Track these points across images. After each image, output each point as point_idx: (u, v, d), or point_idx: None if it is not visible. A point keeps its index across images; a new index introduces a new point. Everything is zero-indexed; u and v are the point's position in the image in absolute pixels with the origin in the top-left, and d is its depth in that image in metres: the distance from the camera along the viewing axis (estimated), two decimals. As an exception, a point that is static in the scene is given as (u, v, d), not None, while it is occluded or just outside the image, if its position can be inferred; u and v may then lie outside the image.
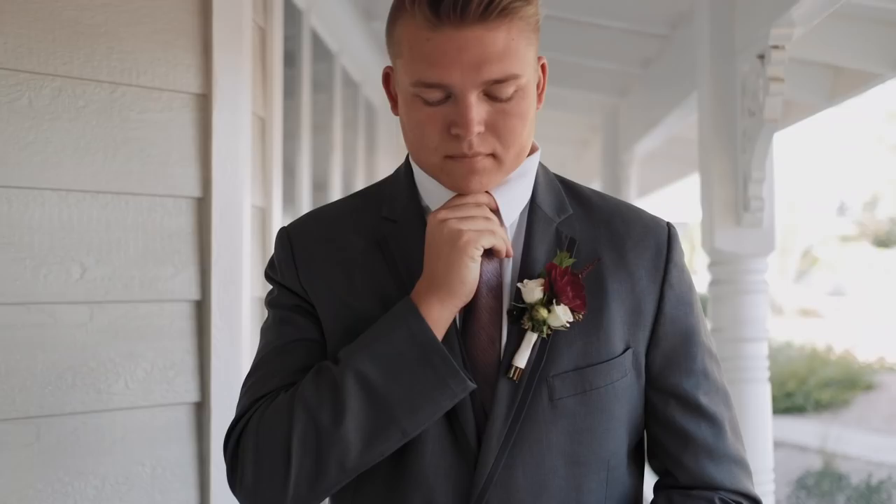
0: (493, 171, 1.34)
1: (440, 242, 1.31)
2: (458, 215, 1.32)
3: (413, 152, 1.38)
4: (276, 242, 1.50)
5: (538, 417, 1.34)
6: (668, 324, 1.41)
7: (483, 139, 1.30)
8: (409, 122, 1.34)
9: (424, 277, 1.33)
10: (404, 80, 1.31)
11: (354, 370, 1.30)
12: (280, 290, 1.47)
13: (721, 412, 1.42)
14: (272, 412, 1.34)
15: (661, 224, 1.47)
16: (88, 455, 2.12)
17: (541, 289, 1.34)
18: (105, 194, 2.15)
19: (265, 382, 1.40)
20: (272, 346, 1.43)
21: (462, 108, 1.27)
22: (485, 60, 1.25)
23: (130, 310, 2.18)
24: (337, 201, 1.56)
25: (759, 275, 2.95)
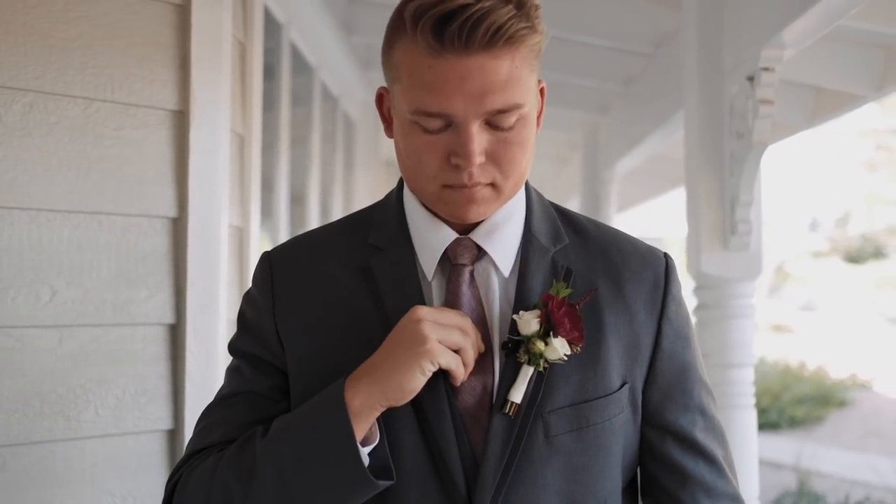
0: (491, 200, 1.30)
1: (402, 339, 1.25)
2: (435, 320, 1.25)
3: (409, 179, 1.33)
4: (256, 268, 1.45)
5: (534, 455, 1.29)
6: (666, 359, 1.37)
7: (483, 169, 1.25)
8: (407, 148, 1.28)
9: (370, 362, 1.27)
10: (402, 106, 1.25)
11: (272, 457, 1.26)
12: (242, 333, 1.44)
13: (717, 450, 1.39)
14: (197, 478, 1.32)
15: (659, 255, 1.43)
16: (56, 486, 2.04)
17: (537, 320, 1.29)
18: (77, 214, 2.08)
19: (207, 435, 1.38)
20: (221, 394, 1.42)
21: (464, 139, 1.22)
22: (488, 90, 1.20)
23: (102, 334, 2.11)
24: (325, 226, 1.52)
25: (745, 299, 2.91)
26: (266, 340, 1.39)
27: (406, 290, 1.34)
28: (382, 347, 1.26)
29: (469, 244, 1.35)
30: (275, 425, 1.29)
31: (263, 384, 1.39)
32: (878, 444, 11.60)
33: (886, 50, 3.63)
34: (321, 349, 1.35)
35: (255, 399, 1.38)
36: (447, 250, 1.35)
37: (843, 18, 2.36)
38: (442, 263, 1.36)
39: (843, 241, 30.25)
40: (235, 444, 1.31)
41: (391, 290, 1.35)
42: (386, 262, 1.37)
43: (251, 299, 1.44)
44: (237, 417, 1.37)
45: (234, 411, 1.38)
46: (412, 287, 1.34)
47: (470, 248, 1.35)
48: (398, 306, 1.32)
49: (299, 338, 1.37)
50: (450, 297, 1.33)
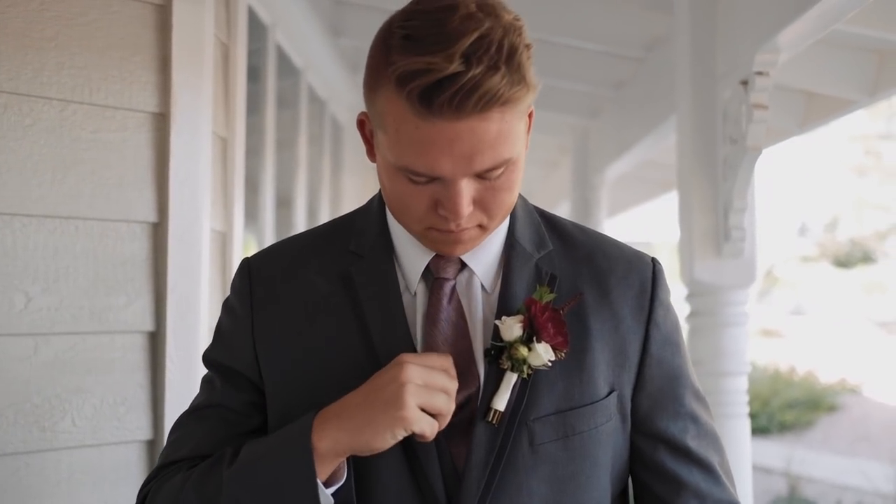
0: (477, 238, 1.27)
1: (381, 396, 1.19)
2: (423, 382, 1.19)
3: (393, 213, 1.29)
4: (235, 275, 1.42)
5: (518, 464, 1.26)
6: (655, 365, 1.34)
7: (471, 216, 1.22)
8: (392, 191, 1.24)
9: (344, 405, 1.22)
10: (387, 155, 1.20)
11: (235, 489, 1.22)
12: (217, 344, 1.41)
13: (711, 456, 1.36)
14: (164, 496, 1.29)
15: (646, 260, 1.39)
16: (31, 498, 1.98)
17: (520, 325, 1.26)
18: (53, 219, 2.02)
19: (178, 448, 1.36)
20: (194, 405, 1.41)
21: (452, 194, 1.17)
22: (477, 151, 1.14)
23: (79, 342, 2.05)
24: (306, 231, 1.48)
25: (739, 306, 2.87)
26: (241, 352, 1.36)
27: (385, 301, 1.31)
28: (360, 392, 1.21)
29: (453, 259, 1.32)
30: (242, 454, 1.25)
31: (235, 399, 1.36)
32: (868, 449, 11.60)
33: (880, 55, 3.59)
34: (299, 360, 1.32)
35: (227, 414, 1.36)
36: (429, 264, 1.32)
37: (839, 23, 2.32)
38: (424, 275, 1.33)
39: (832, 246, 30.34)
40: (203, 465, 1.28)
41: (370, 299, 1.31)
42: (366, 270, 1.34)
43: (229, 308, 1.41)
44: (208, 432, 1.35)
45: (205, 424, 1.36)
46: (392, 297, 1.31)
47: (454, 263, 1.33)
48: (377, 316, 1.30)
49: (277, 348, 1.34)
50: (431, 310, 1.30)
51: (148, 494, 1.33)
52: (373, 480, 1.25)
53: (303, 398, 1.29)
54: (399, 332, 1.29)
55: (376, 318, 1.30)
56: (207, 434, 1.34)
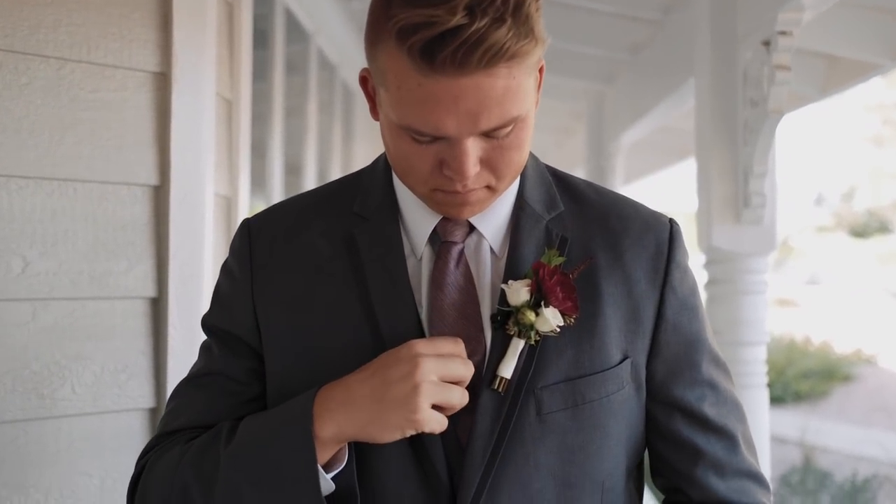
0: (486, 200, 1.21)
1: (393, 394, 1.14)
2: (438, 375, 1.14)
3: (397, 174, 1.23)
4: (235, 236, 1.36)
5: (525, 434, 1.20)
6: (670, 331, 1.28)
7: (478, 176, 1.16)
8: (395, 150, 1.18)
9: (350, 395, 1.16)
10: (390, 113, 1.14)
11: (233, 470, 1.18)
12: (216, 308, 1.36)
13: (731, 424, 1.31)
14: (163, 468, 1.26)
15: (663, 221, 1.33)
16: (30, 466, 1.94)
17: (527, 289, 1.20)
18: (50, 181, 1.96)
19: (176, 416, 1.33)
20: (192, 372, 1.37)
21: (457, 154, 1.12)
22: (483, 109, 1.08)
23: (78, 307, 2.00)
24: (310, 191, 1.42)
25: (758, 275, 2.80)
26: (240, 317, 1.32)
27: (388, 265, 1.26)
28: (368, 381, 1.16)
29: (461, 221, 1.27)
30: (240, 433, 1.20)
31: (235, 366, 1.31)
32: (883, 419, 11.56)
33: (904, 16, 3.49)
34: (299, 325, 1.27)
35: (226, 382, 1.32)
36: (436, 227, 1.27)
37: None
38: (431, 238, 1.28)
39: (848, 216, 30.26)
40: (201, 441, 1.24)
41: (373, 263, 1.26)
42: (370, 232, 1.29)
43: (228, 271, 1.36)
44: (207, 401, 1.31)
45: (204, 393, 1.32)
46: (396, 261, 1.26)
47: (462, 226, 1.27)
48: (379, 281, 1.25)
49: (278, 312, 1.29)
50: (437, 275, 1.25)
51: (146, 466, 1.29)
52: (372, 451, 1.21)
53: (302, 365, 1.25)
54: (401, 297, 1.24)
55: (378, 283, 1.25)
56: (206, 403, 1.31)
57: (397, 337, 1.21)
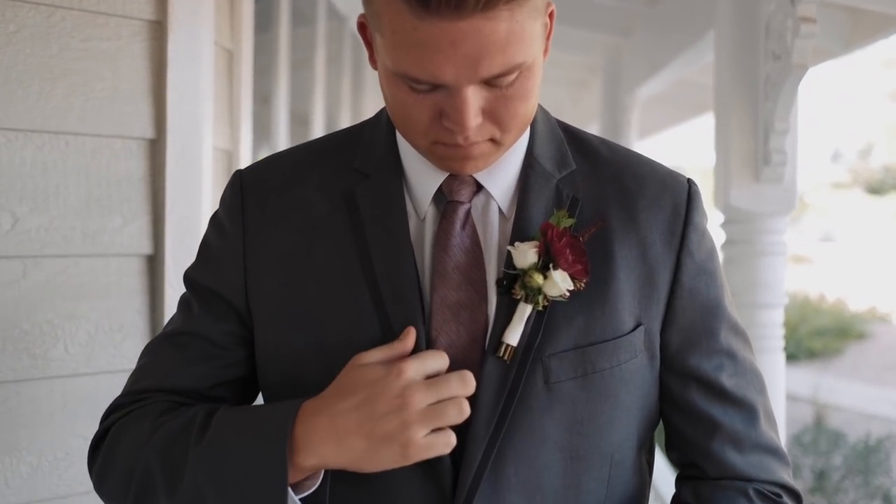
0: (491, 154, 1.13)
1: (382, 428, 1.06)
2: (433, 396, 1.07)
3: (397, 127, 1.15)
4: (226, 188, 1.28)
5: (532, 404, 1.13)
6: (686, 297, 1.20)
7: (481, 128, 1.08)
8: (393, 101, 1.10)
9: (332, 422, 1.08)
10: (386, 60, 1.06)
11: (199, 474, 1.12)
12: (202, 263, 1.29)
13: (750, 396, 1.24)
14: (131, 439, 1.19)
15: (680, 180, 1.25)
16: (22, 428, 1.89)
17: (535, 251, 1.13)
18: (41, 133, 1.88)
19: (146, 375, 1.27)
20: (168, 329, 1.29)
21: (457, 104, 1.04)
22: (483, 55, 1.00)
23: (71, 265, 1.93)
24: (308, 143, 1.34)
25: (777, 235, 2.71)
26: (229, 275, 1.24)
27: (390, 225, 1.18)
28: (354, 415, 1.08)
29: (468, 180, 1.19)
30: (214, 431, 1.13)
31: (214, 328, 1.24)
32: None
33: (933, -33, 3.36)
34: (294, 286, 1.20)
35: (202, 344, 1.24)
36: (441, 186, 1.19)
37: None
38: (436, 198, 1.20)
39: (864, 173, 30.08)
40: (174, 424, 1.17)
41: (373, 223, 1.19)
42: (371, 190, 1.21)
43: (218, 224, 1.28)
44: (180, 362, 1.25)
45: (178, 353, 1.25)
46: (398, 221, 1.18)
47: (468, 184, 1.19)
48: (380, 242, 1.18)
49: (270, 272, 1.22)
50: (442, 236, 1.17)
51: (111, 429, 1.24)
52: None
53: (297, 330, 1.18)
54: (403, 259, 1.16)
55: (379, 244, 1.17)
56: (179, 364, 1.24)
57: (399, 302, 1.14)
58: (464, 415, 1.07)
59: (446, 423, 1.06)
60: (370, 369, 1.09)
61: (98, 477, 1.23)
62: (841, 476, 6.89)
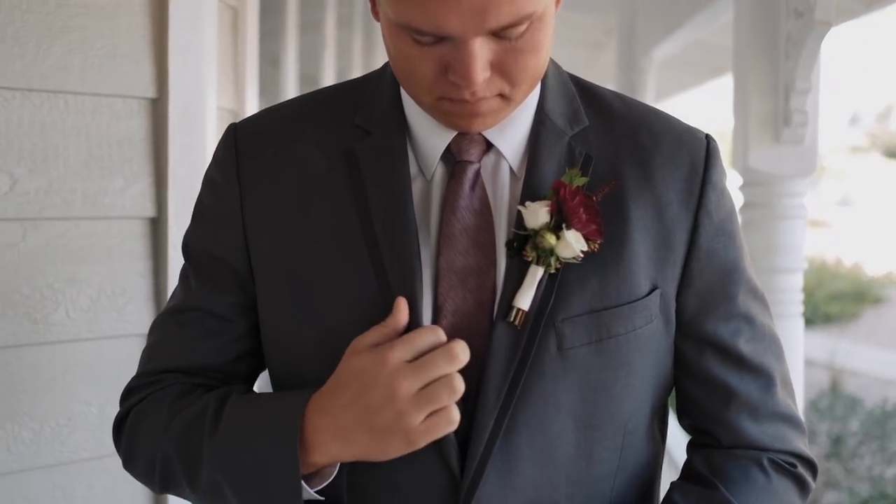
0: (500, 110, 1.08)
1: (378, 420, 1.03)
2: (421, 380, 1.02)
3: (401, 83, 1.10)
4: (219, 143, 1.23)
5: (544, 371, 1.09)
6: (704, 259, 1.16)
7: (489, 83, 1.03)
8: (396, 53, 1.05)
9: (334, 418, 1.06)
10: (388, 10, 1.01)
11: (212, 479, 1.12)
12: (199, 228, 1.24)
13: (768, 362, 1.20)
14: (148, 428, 1.19)
15: (699, 136, 1.20)
16: (23, 394, 1.85)
17: (546, 210, 1.08)
18: (39, 93, 1.83)
19: (156, 355, 1.25)
20: (171, 305, 1.27)
21: (463, 56, 0.99)
22: (490, 4, 0.95)
23: (71, 228, 1.89)
24: (306, 95, 1.28)
25: (797, 198, 2.65)
26: (227, 236, 1.19)
27: (392, 185, 1.13)
28: (351, 410, 1.05)
29: (478, 138, 1.14)
30: (225, 425, 1.11)
31: (214, 301, 1.20)
32: (914, 344, 11.47)
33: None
34: (292, 248, 1.15)
35: (205, 319, 1.21)
36: (450, 145, 1.14)
37: None
38: (444, 158, 1.14)
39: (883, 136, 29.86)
40: (187, 414, 1.16)
41: (374, 184, 1.14)
42: (373, 148, 1.15)
43: (211, 183, 1.23)
44: (186, 341, 1.22)
45: (183, 332, 1.23)
46: (401, 182, 1.13)
47: (478, 143, 1.14)
48: (381, 204, 1.12)
49: (267, 232, 1.17)
50: (450, 197, 1.12)
51: (130, 414, 1.22)
52: None
53: (295, 295, 1.14)
54: (404, 221, 1.11)
55: (379, 205, 1.12)
56: (185, 343, 1.22)
57: (399, 265, 1.09)
58: (457, 393, 1.02)
59: (439, 406, 1.02)
60: (360, 358, 1.05)
61: (125, 458, 1.23)
62: (857, 442, 6.86)
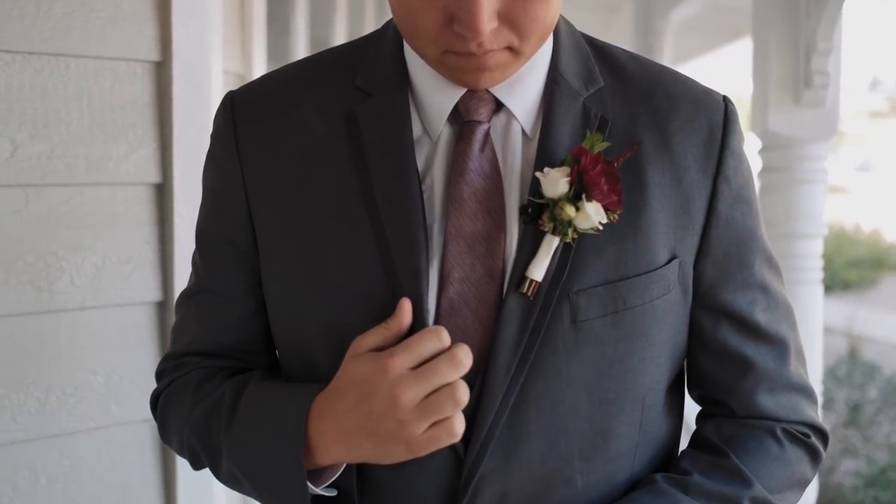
0: (508, 65, 1.02)
1: (381, 428, 1.00)
2: (424, 389, 0.99)
3: (404, 35, 1.06)
4: (216, 114, 1.19)
5: (558, 344, 1.05)
6: (723, 227, 1.12)
7: (497, 34, 0.98)
8: (397, 3, 1.01)
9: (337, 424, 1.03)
10: None
11: (228, 466, 1.14)
12: (203, 205, 1.23)
13: (783, 332, 1.17)
14: (175, 412, 1.21)
15: (716, 99, 1.15)
16: (28, 363, 1.83)
17: (567, 180, 1.03)
18: (39, 56, 1.79)
19: (181, 335, 1.26)
20: (188, 288, 1.26)
21: (468, 4, 0.94)
22: None
23: (75, 194, 1.86)
24: (305, 59, 1.24)
25: (817, 162, 2.59)
26: (231, 212, 1.16)
27: (393, 149, 1.08)
28: (353, 414, 1.02)
29: (487, 97, 1.09)
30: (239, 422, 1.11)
31: (224, 280, 1.20)
32: (933, 311, 11.40)
33: None
34: (294, 219, 1.11)
35: (217, 300, 1.20)
36: (458, 104, 1.09)
37: None
38: (451, 118, 1.09)
39: (904, 101, 29.53)
40: (207, 404, 1.16)
41: (374, 147, 1.09)
42: (374, 110, 1.11)
43: (212, 159, 1.20)
44: (203, 323, 1.22)
45: (199, 313, 1.22)
46: (403, 145, 1.08)
47: (487, 102, 1.09)
48: (381, 169, 1.08)
49: (269, 203, 1.13)
50: (458, 159, 1.07)
51: (161, 395, 1.24)
52: None
53: (298, 267, 1.11)
54: (406, 186, 1.07)
55: (380, 170, 1.08)
56: (203, 325, 1.22)
57: (401, 233, 1.05)
58: (460, 403, 0.99)
59: (442, 416, 0.98)
60: (361, 363, 1.02)
61: (162, 437, 1.26)
62: (875, 409, 6.82)
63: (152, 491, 1.99)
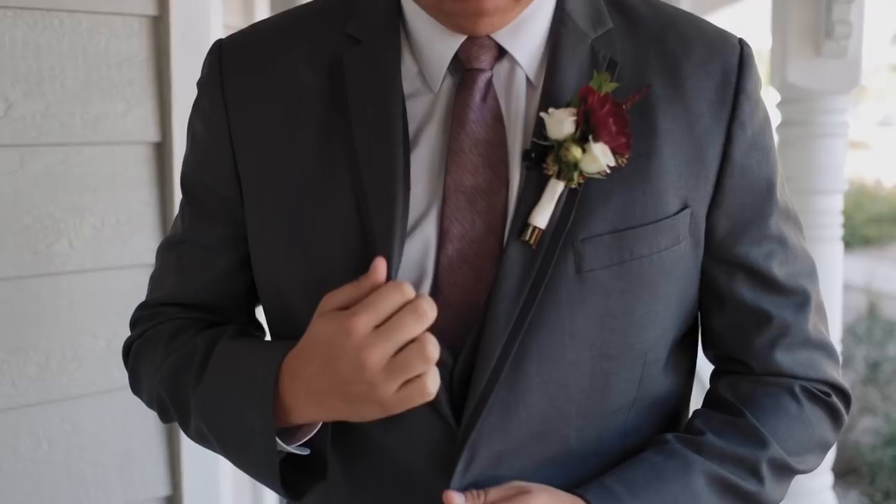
0: (508, 8, 0.99)
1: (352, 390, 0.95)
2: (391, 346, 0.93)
3: None
4: (203, 63, 1.16)
5: (560, 295, 1.01)
6: (738, 175, 1.08)
7: None
8: None
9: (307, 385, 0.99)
10: None
11: (197, 423, 1.12)
12: (191, 154, 1.18)
13: (802, 286, 1.13)
14: (147, 364, 1.18)
15: (731, 41, 1.10)
16: (27, 327, 1.81)
17: (573, 120, 0.99)
18: (32, 11, 1.75)
19: (157, 284, 1.25)
20: (170, 236, 1.24)
21: None
22: None
23: (71, 154, 1.82)
24: (298, 7, 1.19)
25: (838, 115, 2.52)
26: (217, 164, 1.13)
27: (379, 101, 1.04)
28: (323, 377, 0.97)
29: (488, 44, 1.04)
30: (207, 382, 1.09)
31: (206, 232, 1.17)
32: (956, 267, 11.30)
33: None
34: (275, 172, 1.08)
35: (198, 251, 1.18)
36: (458, 53, 1.04)
37: None
38: (452, 68, 1.05)
39: (927, 54, 29.17)
40: (176, 358, 1.14)
41: (359, 96, 1.05)
42: (360, 59, 1.06)
43: (198, 108, 1.17)
44: (181, 275, 1.20)
45: (178, 264, 1.21)
46: (390, 95, 1.04)
47: (489, 49, 1.04)
48: (364, 118, 1.03)
49: (256, 159, 1.10)
50: (459, 109, 1.03)
51: (133, 346, 1.23)
52: None
53: (278, 223, 1.08)
54: (391, 143, 1.02)
55: (362, 122, 1.03)
56: (181, 277, 1.20)
57: (380, 194, 1.01)
58: (430, 359, 0.93)
59: (413, 374, 0.93)
60: (325, 323, 0.96)
61: (132, 387, 1.25)
62: (895, 367, 6.77)
63: (157, 455, 1.97)
